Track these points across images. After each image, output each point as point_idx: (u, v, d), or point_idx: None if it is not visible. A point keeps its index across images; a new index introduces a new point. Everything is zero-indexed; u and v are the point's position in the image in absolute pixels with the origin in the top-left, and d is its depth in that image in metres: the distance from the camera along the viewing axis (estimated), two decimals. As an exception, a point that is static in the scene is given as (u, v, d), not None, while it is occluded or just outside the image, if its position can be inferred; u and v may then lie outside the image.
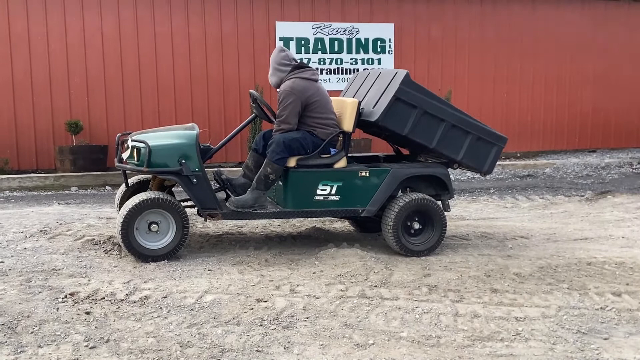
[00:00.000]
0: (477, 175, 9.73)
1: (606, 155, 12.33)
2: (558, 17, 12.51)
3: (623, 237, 5.91)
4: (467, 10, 12.07)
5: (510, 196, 8.42)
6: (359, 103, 5.20)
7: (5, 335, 3.40)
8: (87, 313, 3.74)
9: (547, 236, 5.99)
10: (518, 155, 12.41)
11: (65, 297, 3.99)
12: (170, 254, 4.86)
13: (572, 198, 8.15)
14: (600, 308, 3.98)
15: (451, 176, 5.48)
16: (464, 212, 7.21)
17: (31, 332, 3.45)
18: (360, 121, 5.29)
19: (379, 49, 11.67)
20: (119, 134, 5.28)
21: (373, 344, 3.41)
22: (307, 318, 3.74)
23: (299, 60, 5.34)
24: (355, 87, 5.88)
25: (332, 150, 5.21)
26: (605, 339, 3.53)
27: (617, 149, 13.06)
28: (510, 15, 12.27)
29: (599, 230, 6.26)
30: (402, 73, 5.14)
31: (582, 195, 8.27)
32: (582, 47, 12.69)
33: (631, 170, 10.75)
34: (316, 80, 5.19)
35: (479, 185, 9.38)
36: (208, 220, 5.07)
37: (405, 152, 5.96)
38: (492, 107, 12.29)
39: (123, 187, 5.47)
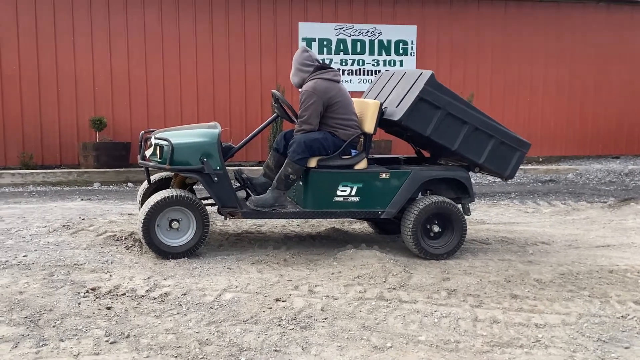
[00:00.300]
0: (498, 179, 9.66)
1: (630, 161, 12.15)
2: (583, 21, 12.36)
3: (646, 245, 5.83)
4: (490, 12, 11.99)
5: (531, 201, 8.34)
6: (381, 104, 5.19)
7: (27, 328, 3.46)
8: (108, 308, 3.79)
9: (568, 242, 5.93)
10: (540, 159, 12.28)
11: (87, 292, 4.05)
12: (190, 252, 4.90)
13: (594, 204, 8.06)
14: (622, 316, 3.93)
15: (472, 179, 5.44)
16: (484, 216, 7.16)
17: (53, 326, 3.50)
18: (383, 120, 5.28)
19: (401, 51, 11.64)
20: (143, 131, 5.34)
21: (391, 346, 3.40)
22: (325, 319, 3.75)
23: (321, 61, 5.34)
24: (379, 87, 5.87)
25: (353, 152, 5.21)
26: (627, 347, 3.48)
27: (641, 155, 12.87)
28: (534, 18, 12.15)
29: (622, 237, 6.18)
30: (427, 73, 5.12)
31: (605, 202, 8.17)
32: (608, 52, 12.52)
33: (656, 177, 10.58)
34: (338, 81, 5.20)
35: (499, 189, 9.30)
36: (228, 218, 5.10)
37: (426, 154, 5.94)
38: (514, 111, 12.18)
39: (145, 184, 5.53)
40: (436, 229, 5.18)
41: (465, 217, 5.31)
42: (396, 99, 5.27)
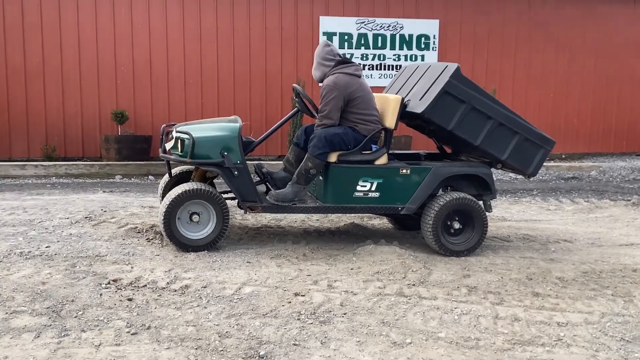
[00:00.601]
0: (520, 176, 9.57)
1: (655, 159, 11.95)
2: (610, 16, 12.16)
3: (671, 245, 5.73)
4: (514, 6, 11.84)
5: (554, 198, 8.25)
6: (402, 99, 5.16)
7: (50, 318, 3.50)
8: (130, 300, 3.82)
9: (591, 240, 5.85)
10: (563, 156, 12.13)
11: (109, 283, 4.09)
12: (210, 245, 4.92)
13: (618, 202, 7.94)
14: (646, 316, 3.87)
15: (494, 176, 5.38)
16: (505, 213, 7.09)
17: (75, 317, 3.54)
18: (405, 113, 5.24)
19: (422, 45, 11.56)
20: (164, 124, 5.37)
21: (410, 343, 3.39)
22: (345, 314, 3.74)
23: (342, 56, 5.32)
24: (403, 80, 5.82)
25: (374, 147, 5.19)
26: (651, 348, 3.43)
27: (667, 153, 12.66)
28: (559, 12, 11.98)
29: (646, 236, 6.08)
30: (452, 66, 5.07)
31: (629, 200, 8.04)
32: (634, 48, 12.31)
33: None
34: (359, 76, 5.17)
35: (521, 186, 9.21)
36: (247, 212, 5.11)
37: (448, 150, 5.89)
38: (537, 107, 12.04)
39: (166, 177, 5.56)
40: (457, 225, 5.14)
41: (487, 213, 5.26)
42: (420, 92, 5.22)
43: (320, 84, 5.20)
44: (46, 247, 4.84)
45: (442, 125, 5.07)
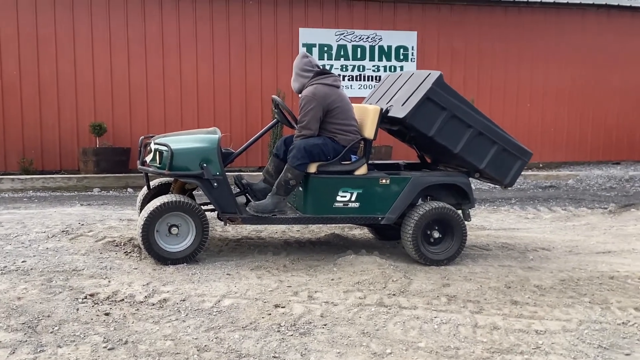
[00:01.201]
0: (498, 186, 9.64)
1: (630, 167, 12.14)
2: (583, 27, 12.38)
3: (647, 251, 5.82)
4: (490, 18, 12.01)
5: (531, 207, 8.33)
6: (381, 110, 5.19)
7: (25, 334, 3.44)
8: (107, 314, 3.77)
9: (569, 248, 5.91)
10: (541, 165, 12.28)
11: (85, 297, 4.03)
12: (189, 257, 4.88)
13: (595, 210, 8.04)
14: (623, 323, 3.91)
15: (472, 185, 5.43)
16: (484, 222, 7.15)
17: (51, 332, 3.48)
18: (387, 118, 5.27)
19: (401, 57, 11.66)
20: (142, 136, 5.33)
21: (390, 353, 3.38)
22: (325, 325, 3.73)
23: (321, 67, 5.34)
24: (386, 87, 5.86)
25: (353, 157, 5.21)
26: (627, 354, 3.46)
27: (642, 161, 12.87)
28: (535, 24, 12.18)
29: (622, 243, 6.16)
30: (435, 74, 5.13)
31: (606, 208, 8.15)
32: (609, 58, 12.53)
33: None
34: (338, 87, 5.19)
35: (500, 195, 9.29)
36: (228, 224, 5.08)
37: (428, 160, 5.93)
38: (514, 117, 12.19)
39: (145, 190, 5.52)
40: (436, 234, 5.17)
41: (466, 223, 5.30)
42: (402, 98, 5.26)
43: (299, 95, 5.22)
44: (22, 261, 4.76)
45: (423, 132, 5.11)
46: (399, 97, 5.36)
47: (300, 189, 5.20)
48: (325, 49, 11.34)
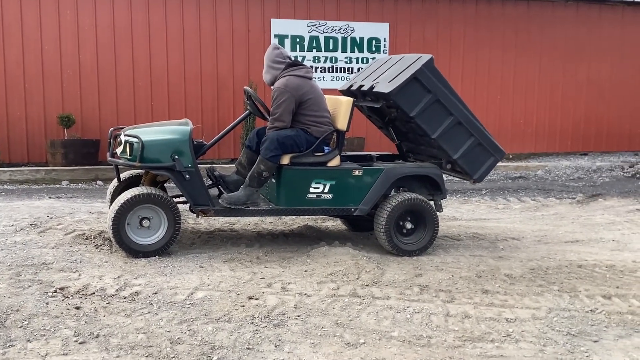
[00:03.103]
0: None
1: (598, 158, 12.38)
2: (552, 19, 12.54)
3: (613, 240, 5.94)
4: (462, 10, 12.08)
5: (502, 197, 8.44)
6: (354, 101, 5.20)
7: (-7, 329, 3.38)
8: (77, 308, 3.72)
9: (538, 238, 6.01)
10: (510, 157, 12.44)
11: (55, 291, 3.97)
12: (161, 250, 4.84)
13: (563, 200, 8.19)
14: (591, 310, 4.00)
15: (444, 177, 5.48)
16: (456, 213, 7.22)
17: (20, 326, 3.43)
18: (372, 93, 5.28)
19: (373, 48, 11.67)
20: (112, 128, 5.25)
21: (364, 343, 3.41)
22: (298, 316, 3.74)
23: (293, 58, 5.32)
24: (374, 68, 5.85)
25: (326, 149, 5.21)
26: (595, 341, 3.54)
27: (608, 152, 13.11)
28: (505, 16, 12.29)
29: (590, 233, 6.29)
30: (426, 57, 5.18)
31: (574, 198, 8.30)
32: (576, 50, 12.72)
33: (622, 173, 10.80)
34: (310, 78, 5.18)
35: (471, 187, 9.40)
36: (200, 216, 5.05)
37: (398, 151, 5.95)
38: (485, 109, 12.30)
39: (115, 182, 5.45)
40: (409, 225, 5.21)
41: (438, 213, 5.35)
42: (390, 76, 5.28)
43: (271, 87, 5.19)
44: (-11, 255, 4.67)
45: (405, 110, 5.13)
46: (387, 75, 5.38)
47: (273, 180, 5.19)
48: (298, 40, 11.29)
